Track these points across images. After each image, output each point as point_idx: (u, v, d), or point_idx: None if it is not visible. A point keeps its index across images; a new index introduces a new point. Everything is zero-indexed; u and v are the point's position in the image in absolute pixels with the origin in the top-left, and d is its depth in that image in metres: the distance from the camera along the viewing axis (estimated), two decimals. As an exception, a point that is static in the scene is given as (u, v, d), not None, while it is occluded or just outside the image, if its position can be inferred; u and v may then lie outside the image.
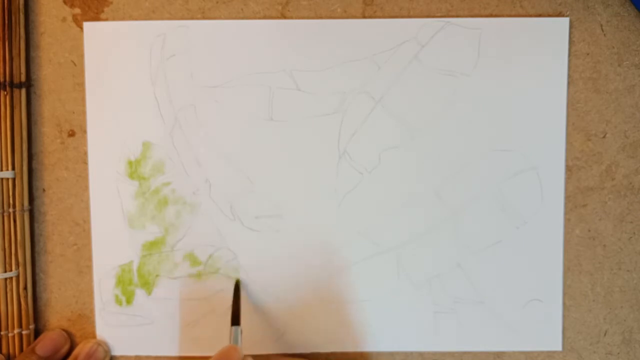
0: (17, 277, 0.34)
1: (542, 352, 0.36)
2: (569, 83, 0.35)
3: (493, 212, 0.35)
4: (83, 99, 0.35)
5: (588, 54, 0.35)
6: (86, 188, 0.35)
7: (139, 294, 0.35)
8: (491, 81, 0.34)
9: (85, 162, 0.35)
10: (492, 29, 0.34)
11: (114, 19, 0.34)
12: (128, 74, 0.34)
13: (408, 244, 0.35)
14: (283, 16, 0.35)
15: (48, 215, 0.35)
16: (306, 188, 0.35)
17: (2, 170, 0.33)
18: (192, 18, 0.35)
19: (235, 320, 0.32)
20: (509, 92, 0.34)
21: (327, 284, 0.35)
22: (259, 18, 0.35)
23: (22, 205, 0.34)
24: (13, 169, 0.34)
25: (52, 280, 0.35)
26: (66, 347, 0.35)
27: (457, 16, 0.34)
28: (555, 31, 0.34)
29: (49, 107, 0.35)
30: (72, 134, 0.35)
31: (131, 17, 0.35)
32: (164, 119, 0.35)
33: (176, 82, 0.35)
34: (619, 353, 0.36)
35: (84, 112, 0.35)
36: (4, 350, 0.34)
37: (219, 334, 0.35)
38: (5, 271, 0.34)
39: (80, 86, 0.35)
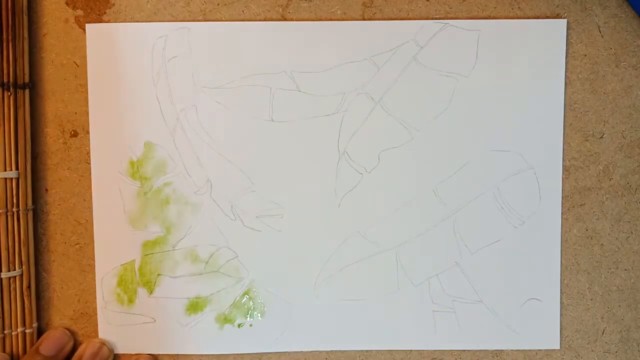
0: (21, 276, 0.34)
1: (540, 351, 0.36)
2: (566, 84, 0.35)
3: (491, 212, 0.35)
4: (85, 100, 0.35)
5: (585, 55, 0.35)
6: (88, 188, 0.35)
7: (141, 292, 0.35)
8: (489, 82, 0.35)
9: (88, 162, 0.35)
10: (491, 30, 0.34)
11: (116, 21, 0.35)
12: (130, 75, 0.35)
13: (407, 243, 0.35)
14: (283, 18, 0.35)
15: (51, 214, 0.35)
16: (306, 188, 0.35)
17: (5, 170, 0.34)
18: (193, 20, 0.35)
19: None
20: (507, 93, 0.35)
21: (327, 283, 0.35)
22: (260, 20, 0.35)
23: (26, 204, 0.34)
24: (17, 169, 0.34)
25: (54, 279, 0.36)
26: (69, 346, 0.35)
27: (456, 18, 0.35)
28: (552, 33, 0.34)
29: (51, 108, 0.35)
30: (74, 134, 0.35)
31: (133, 19, 0.35)
32: (166, 119, 0.35)
33: (178, 83, 0.35)
34: (616, 352, 0.36)
35: (86, 113, 0.35)
36: (7, 348, 0.34)
37: (221, 332, 0.35)
38: (9, 270, 0.34)
39: (82, 87, 0.35)
